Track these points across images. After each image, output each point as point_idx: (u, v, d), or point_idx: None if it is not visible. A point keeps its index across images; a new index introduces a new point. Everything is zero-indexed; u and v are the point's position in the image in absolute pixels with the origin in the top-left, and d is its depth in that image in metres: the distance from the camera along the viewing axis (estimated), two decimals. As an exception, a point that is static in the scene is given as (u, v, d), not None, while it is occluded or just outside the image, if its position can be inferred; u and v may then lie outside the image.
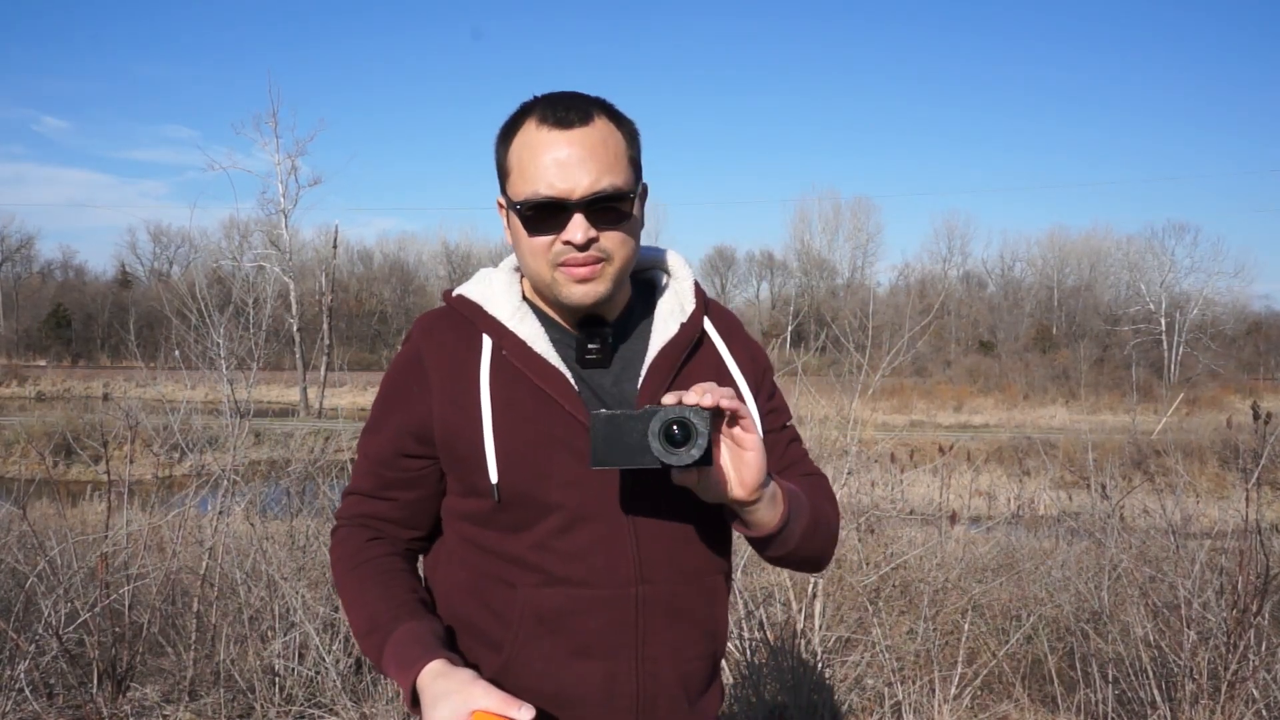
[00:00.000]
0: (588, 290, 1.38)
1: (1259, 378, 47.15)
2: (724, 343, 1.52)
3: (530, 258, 1.40)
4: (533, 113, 1.38)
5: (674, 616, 1.42)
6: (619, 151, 1.38)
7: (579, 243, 1.34)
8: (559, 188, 1.34)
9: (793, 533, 1.40)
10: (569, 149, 1.34)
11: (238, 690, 4.02)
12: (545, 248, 1.37)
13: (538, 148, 1.36)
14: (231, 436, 5.17)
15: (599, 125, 1.37)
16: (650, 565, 1.40)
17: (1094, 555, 5.43)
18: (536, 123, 1.37)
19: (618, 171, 1.36)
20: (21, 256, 61.04)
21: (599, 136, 1.36)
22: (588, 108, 1.37)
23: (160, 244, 62.17)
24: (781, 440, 1.57)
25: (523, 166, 1.37)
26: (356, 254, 60.49)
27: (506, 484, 1.37)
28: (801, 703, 3.95)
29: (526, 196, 1.36)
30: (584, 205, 1.34)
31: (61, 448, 13.70)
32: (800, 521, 1.42)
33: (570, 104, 1.37)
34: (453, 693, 1.24)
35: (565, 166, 1.34)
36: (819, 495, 1.52)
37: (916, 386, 36.03)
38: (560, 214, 1.35)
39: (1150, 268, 55.08)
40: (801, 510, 1.42)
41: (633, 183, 1.39)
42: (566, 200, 1.34)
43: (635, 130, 1.43)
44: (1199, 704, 3.72)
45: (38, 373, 39.24)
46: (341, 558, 1.49)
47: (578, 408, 1.38)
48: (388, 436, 1.48)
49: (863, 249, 63.58)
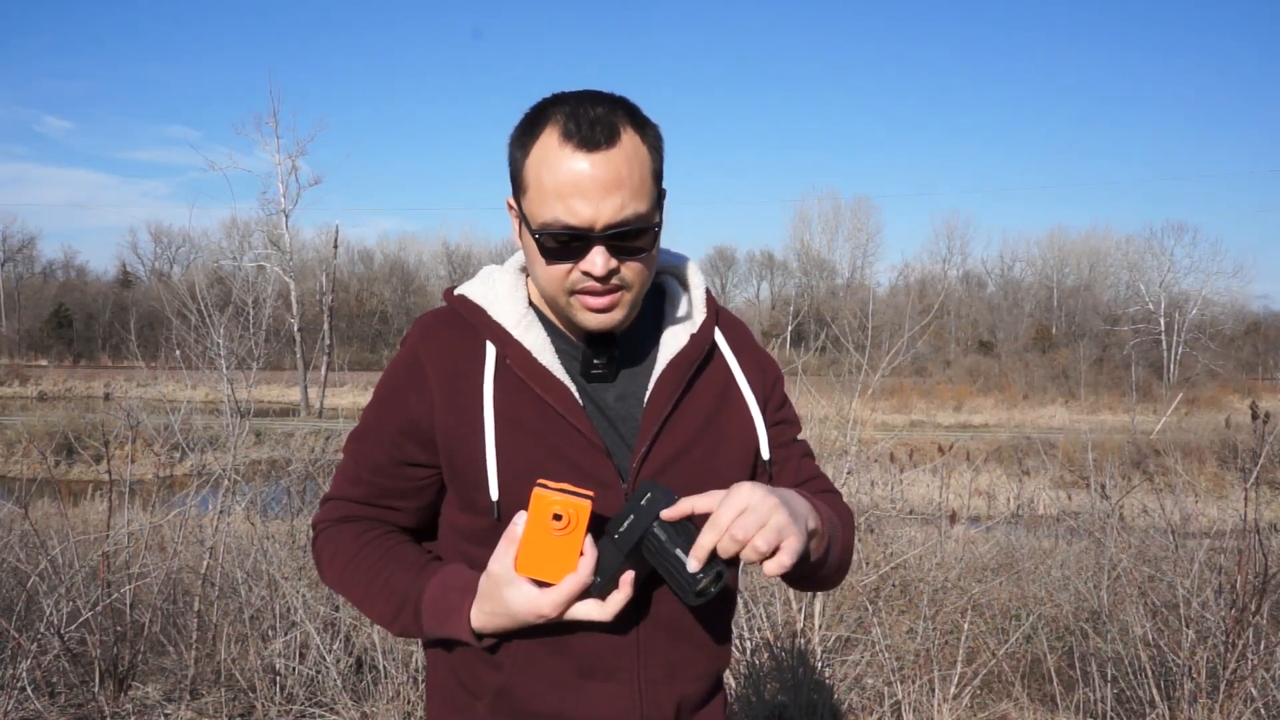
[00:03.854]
0: (604, 320, 1.32)
1: (1258, 377, 47.15)
2: (734, 355, 1.47)
3: (546, 281, 1.32)
4: (554, 121, 1.27)
5: (676, 636, 1.38)
6: (644, 172, 1.28)
7: (599, 274, 1.27)
8: (582, 216, 1.25)
9: (822, 562, 1.38)
10: (593, 173, 1.24)
11: (239, 689, 4.02)
12: (562, 276, 1.29)
13: (559, 169, 1.25)
14: (232, 436, 5.17)
15: (625, 144, 1.26)
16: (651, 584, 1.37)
17: (1093, 555, 5.44)
18: (560, 138, 1.25)
19: (642, 197, 1.27)
20: (23, 256, 61.23)
21: (624, 158, 1.25)
22: (614, 121, 1.26)
23: (161, 244, 62.39)
24: (794, 455, 1.53)
25: (541, 186, 1.27)
26: (357, 254, 60.62)
27: (508, 502, 1.32)
28: (801, 702, 3.96)
29: (545, 222, 1.27)
30: (606, 237, 1.26)
31: (63, 447, 13.72)
32: (835, 550, 1.40)
33: (596, 119, 1.25)
34: (496, 587, 1.26)
35: (589, 195, 1.24)
36: (842, 519, 1.49)
37: (916, 386, 36.05)
38: (580, 244, 1.27)
39: (1149, 268, 55.16)
40: (835, 540, 1.40)
41: (656, 206, 1.31)
42: (588, 231, 1.25)
43: (659, 136, 1.33)
44: (1198, 703, 3.72)
45: (39, 372, 39.26)
46: (338, 553, 1.43)
47: (583, 422, 1.34)
48: (386, 443, 1.41)
49: (863, 249, 63.72)
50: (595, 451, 1.34)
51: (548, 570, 1.22)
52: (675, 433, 1.39)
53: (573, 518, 1.19)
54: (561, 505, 1.19)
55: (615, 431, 1.38)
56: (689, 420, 1.40)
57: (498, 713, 1.39)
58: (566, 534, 1.20)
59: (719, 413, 1.43)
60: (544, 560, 1.22)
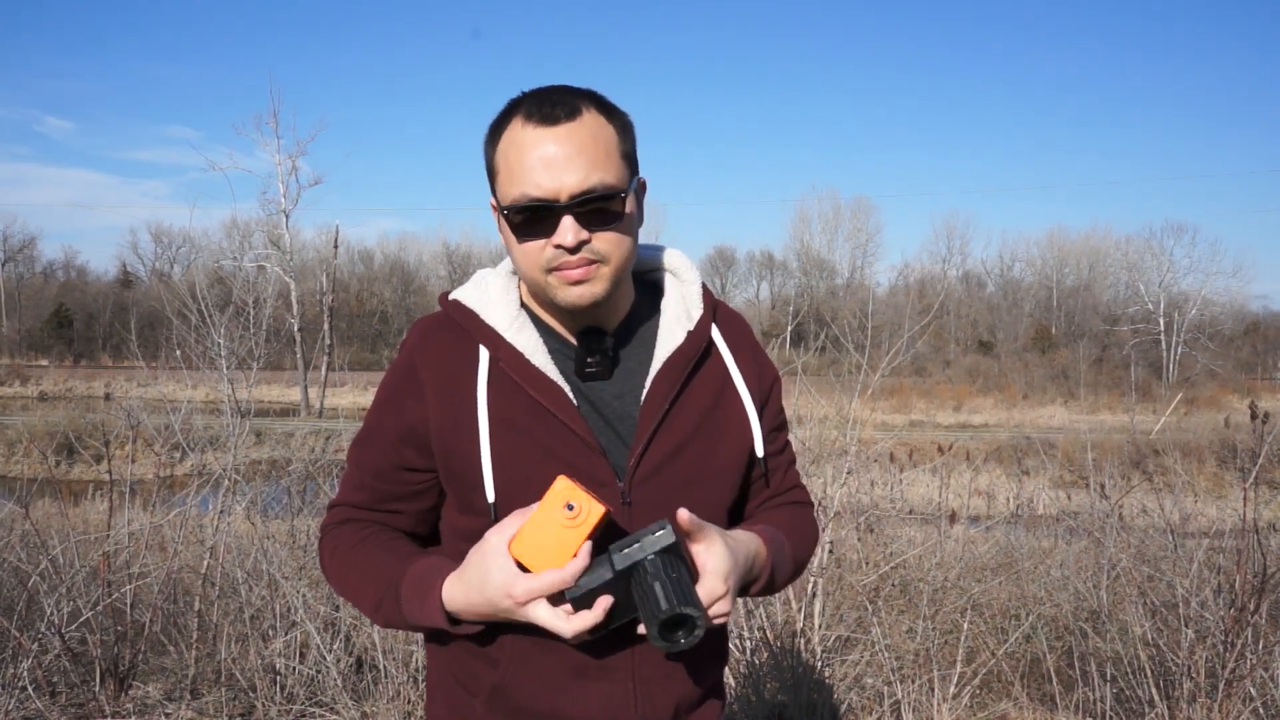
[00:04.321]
0: (583, 292, 1.31)
1: (1257, 377, 47.14)
2: (731, 353, 1.47)
3: (523, 263, 1.34)
4: (519, 110, 1.31)
5: None
6: (610, 146, 1.30)
7: (569, 245, 1.28)
8: (546, 188, 1.27)
9: (774, 583, 1.45)
10: (555, 146, 1.27)
11: (239, 689, 4.03)
12: (537, 252, 1.31)
13: (523, 147, 1.28)
14: (232, 436, 5.18)
15: (587, 119, 1.29)
16: None
17: (1092, 554, 5.44)
18: (522, 120, 1.29)
19: (608, 168, 1.29)
20: (24, 257, 61.20)
21: (587, 131, 1.28)
22: (575, 101, 1.30)
23: (161, 244, 62.29)
24: (781, 465, 1.55)
25: (509, 167, 1.30)
26: (357, 254, 60.59)
27: (504, 504, 1.32)
28: (801, 702, 3.96)
29: (514, 199, 1.29)
30: (573, 206, 1.27)
31: (64, 447, 13.71)
32: (783, 571, 1.46)
33: (557, 99, 1.29)
34: (481, 557, 1.26)
35: (551, 166, 1.26)
36: (801, 533, 1.54)
37: (916, 386, 36.05)
38: (549, 216, 1.28)
39: (1149, 268, 55.17)
40: (784, 560, 1.46)
41: (625, 179, 1.32)
42: (554, 202, 1.27)
43: (628, 122, 1.35)
44: (1197, 702, 3.73)
45: (40, 372, 39.24)
46: (337, 549, 1.44)
47: (577, 422, 1.34)
48: (385, 448, 1.42)
49: (862, 249, 63.66)
50: (590, 451, 1.35)
51: (538, 558, 1.22)
52: (672, 431, 1.39)
53: (584, 514, 1.20)
54: (579, 499, 1.20)
55: (612, 430, 1.38)
56: (686, 418, 1.40)
57: (494, 711, 1.40)
58: (572, 528, 1.20)
59: (715, 410, 1.44)
60: (539, 548, 1.22)
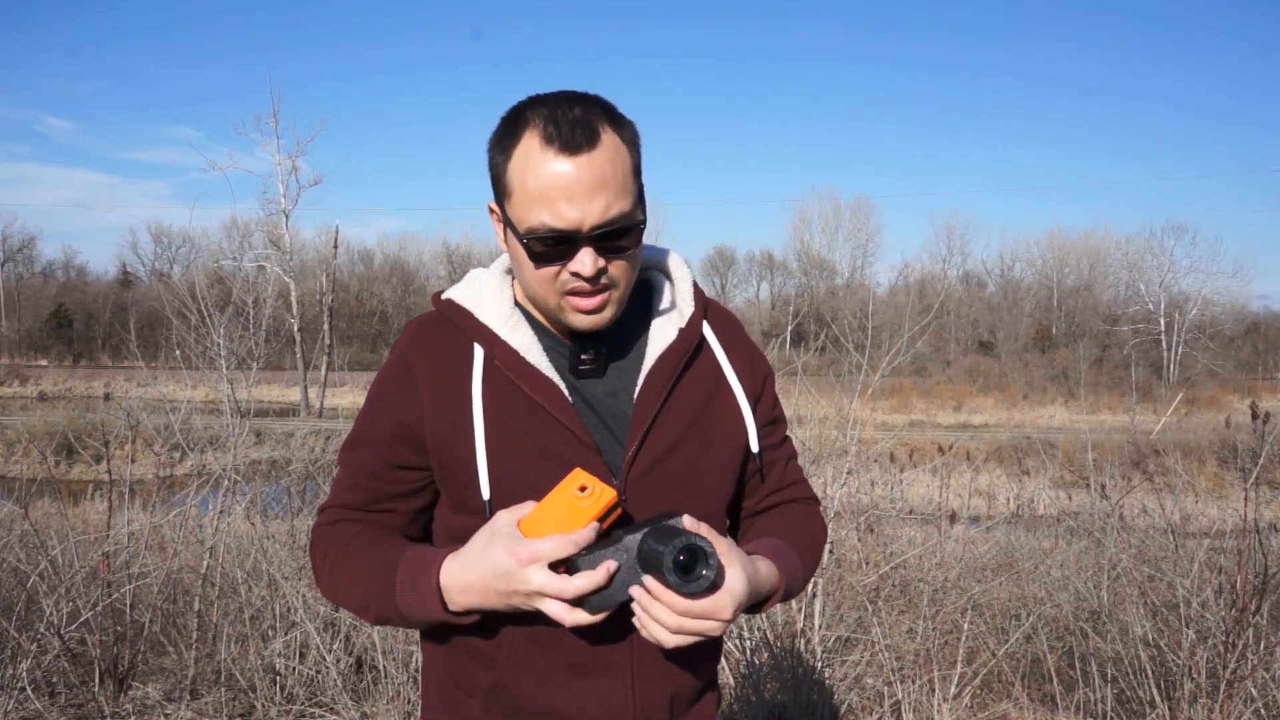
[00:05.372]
0: (594, 320, 1.33)
1: (1257, 377, 47.12)
2: (723, 349, 1.47)
3: (537, 286, 1.34)
4: (534, 125, 1.28)
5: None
6: (626, 170, 1.30)
7: (588, 274, 1.28)
8: (569, 219, 1.26)
9: (790, 594, 1.43)
10: (577, 176, 1.25)
11: (239, 689, 4.02)
12: (551, 277, 1.31)
13: (543, 173, 1.26)
14: (232, 436, 5.18)
15: (606, 144, 1.27)
16: None
17: (1093, 555, 5.44)
18: (541, 142, 1.26)
19: (626, 196, 1.29)
20: (24, 257, 61.17)
21: (607, 158, 1.27)
22: (592, 122, 1.27)
23: (161, 244, 62.28)
24: (780, 458, 1.55)
25: (526, 191, 1.28)
26: (357, 254, 60.63)
27: (499, 502, 1.32)
28: (801, 702, 3.96)
29: (532, 226, 1.28)
30: (593, 238, 1.27)
31: (63, 447, 13.70)
32: (797, 584, 1.44)
33: (575, 121, 1.26)
34: (489, 532, 1.26)
35: (574, 197, 1.25)
36: (811, 539, 1.52)
37: (916, 386, 36.06)
38: (567, 245, 1.28)
39: (1149, 268, 55.21)
40: (796, 575, 1.44)
41: (640, 203, 1.33)
42: (575, 233, 1.27)
43: (636, 133, 1.35)
44: (1197, 703, 3.72)
45: (39, 372, 39.25)
46: (330, 547, 1.42)
47: (573, 420, 1.35)
48: (379, 447, 1.41)
49: (862, 249, 63.69)
50: (585, 449, 1.35)
51: (546, 531, 1.24)
52: (666, 428, 1.39)
53: (597, 494, 1.23)
54: (593, 482, 1.24)
55: (606, 428, 1.39)
56: (679, 415, 1.41)
57: (491, 711, 1.40)
58: (584, 506, 1.23)
59: (709, 407, 1.44)
60: (549, 520, 1.24)
